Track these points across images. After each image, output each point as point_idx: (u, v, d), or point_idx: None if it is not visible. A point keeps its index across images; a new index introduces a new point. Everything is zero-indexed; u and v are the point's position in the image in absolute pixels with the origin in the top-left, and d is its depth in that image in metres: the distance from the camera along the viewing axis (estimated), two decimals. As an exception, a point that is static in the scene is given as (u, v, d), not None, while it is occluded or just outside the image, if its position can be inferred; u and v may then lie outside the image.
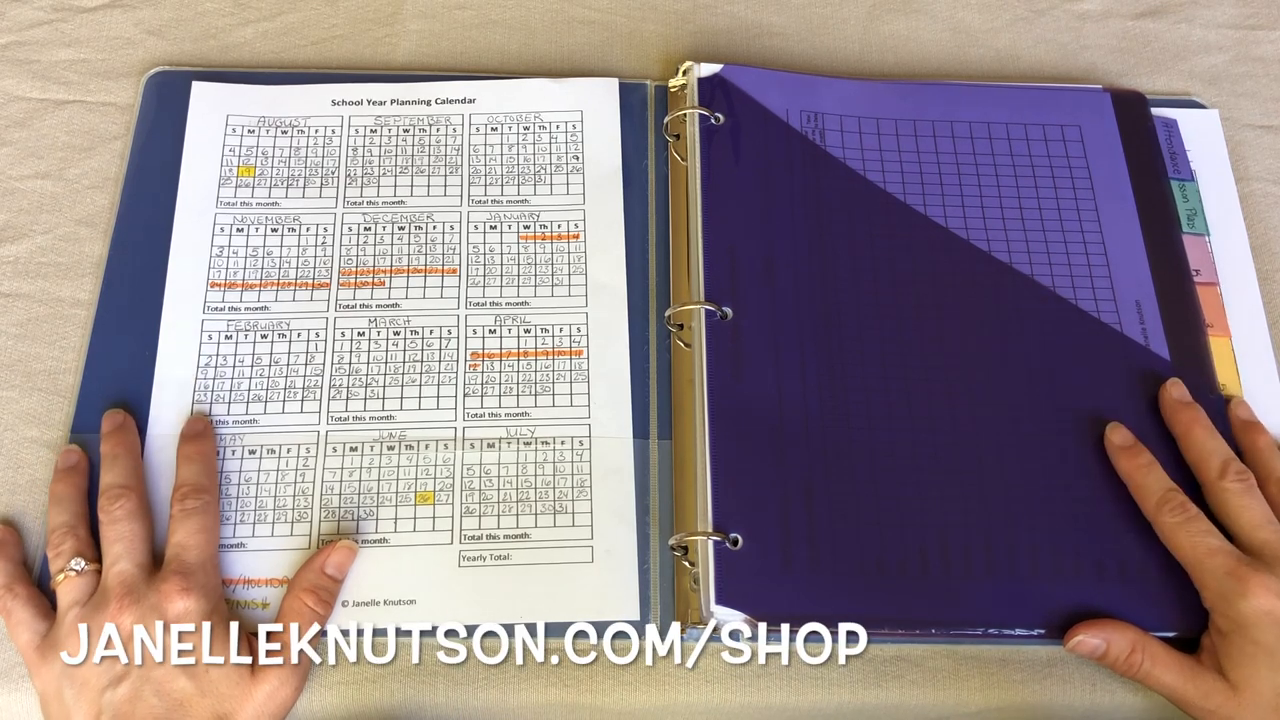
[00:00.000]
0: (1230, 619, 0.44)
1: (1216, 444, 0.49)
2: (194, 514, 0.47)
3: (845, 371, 0.51)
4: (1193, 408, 0.50)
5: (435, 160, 0.57)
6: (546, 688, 0.47)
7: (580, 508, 0.50)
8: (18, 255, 0.55)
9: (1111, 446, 0.50)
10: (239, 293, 0.54)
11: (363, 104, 0.59)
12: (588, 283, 0.54)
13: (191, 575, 0.45)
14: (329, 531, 0.49)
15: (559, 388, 0.52)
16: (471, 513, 0.49)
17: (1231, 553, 0.45)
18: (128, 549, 0.46)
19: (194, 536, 0.46)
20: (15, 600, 0.46)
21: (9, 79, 0.60)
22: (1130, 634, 0.46)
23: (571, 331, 0.53)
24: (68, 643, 0.44)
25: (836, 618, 0.46)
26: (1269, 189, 0.60)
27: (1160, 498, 0.47)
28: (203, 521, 0.47)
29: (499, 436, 0.51)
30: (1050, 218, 0.56)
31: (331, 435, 0.51)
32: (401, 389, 0.52)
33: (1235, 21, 0.65)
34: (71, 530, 0.47)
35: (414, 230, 0.55)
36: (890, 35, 0.64)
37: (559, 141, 0.58)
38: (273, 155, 0.57)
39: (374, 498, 0.50)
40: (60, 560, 0.46)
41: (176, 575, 0.45)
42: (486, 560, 0.49)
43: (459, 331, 0.53)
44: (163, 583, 0.45)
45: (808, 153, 0.57)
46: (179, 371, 0.52)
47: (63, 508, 0.48)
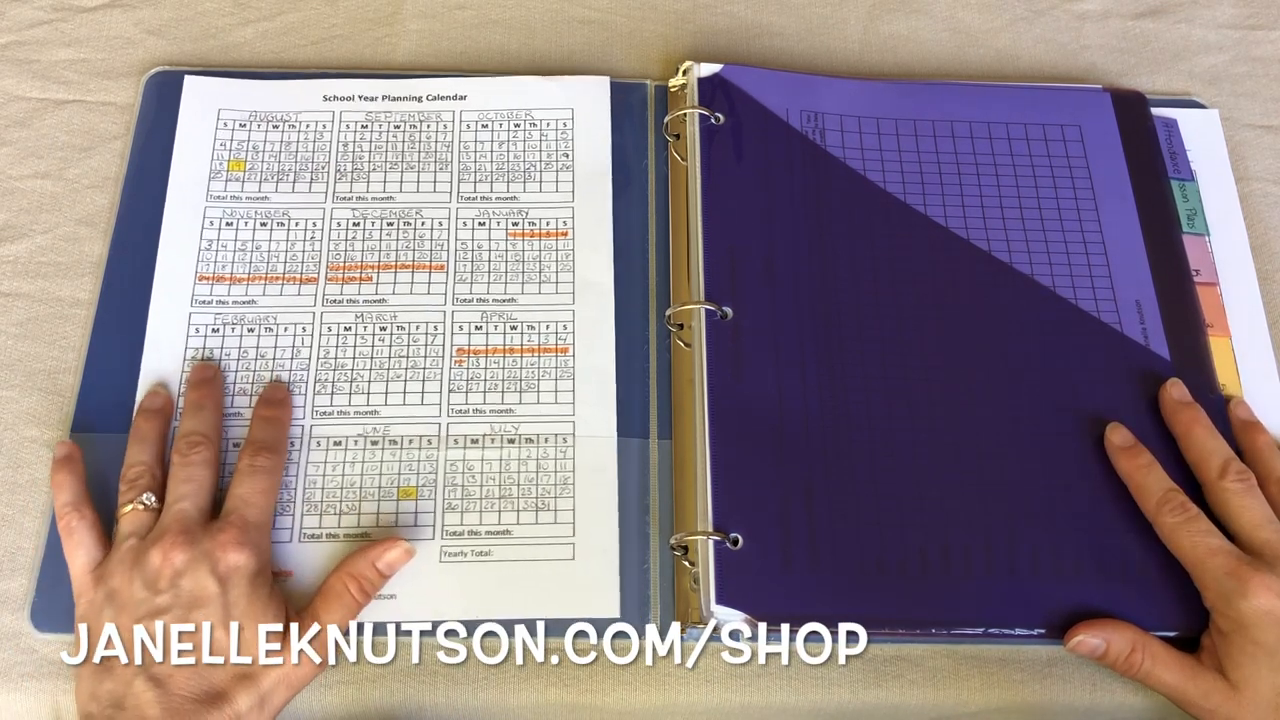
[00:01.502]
0: (1231, 619, 0.44)
1: (1217, 444, 0.49)
2: (262, 473, 0.47)
3: (845, 371, 0.51)
4: (1193, 407, 0.50)
5: (425, 156, 0.57)
6: (546, 688, 0.47)
7: (563, 505, 0.50)
8: (18, 255, 0.55)
9: (1111, 447, 0.50)
10: (227, 286, 0.54)
11: (354, 99, 0.59)
12: (575, 280, 0.54)
13: (249, 530, 0.45)
14: (312, 526, 0.49)
15: (544, 385, 0.52)
16: (454, 509, 0.49)
17: (1232, 552, 0.45)
18: (195, 491, 0.46)
19: (259, 495, 0.47)
20: (81, 521, 0.47)
21: (9, 79, 0.60)
22: (1130, 634, 0.46)
23: (558, 329, 0.53)
24: (118, 571, 0.45)
25: (837, 617, 0.46)
26: (1269, 189, 0.60)
27: (1161, 498, 0.47)
28: (270, 482, 0.47)
29: (483, 433, 0.51)
30: (1050, 217, 0.56)
31: (316, 429, 0.51)
32: (386, 384, 0.52)
33: (1235, 21, 0.65)
34: (149, 468, 0.48)
35: (403, 226, 0.56)
36: (890, 35, 0.64)
37: (549, 139, 0.58)
38: (263, 150, 0.57)
39: (356, 492, 0.50)
40: (132, 493, 0.47)
41: (235, 528, 0.45)
42: (468, 556, 0.49)
43: (445, 327, 0.53)
44: (220, 532, 0.45)
45: (808, 153, 0.57)
46: (166, 364, 0.52)
47: (145, 446, 0.49)
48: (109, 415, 0.51)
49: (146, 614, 0.43)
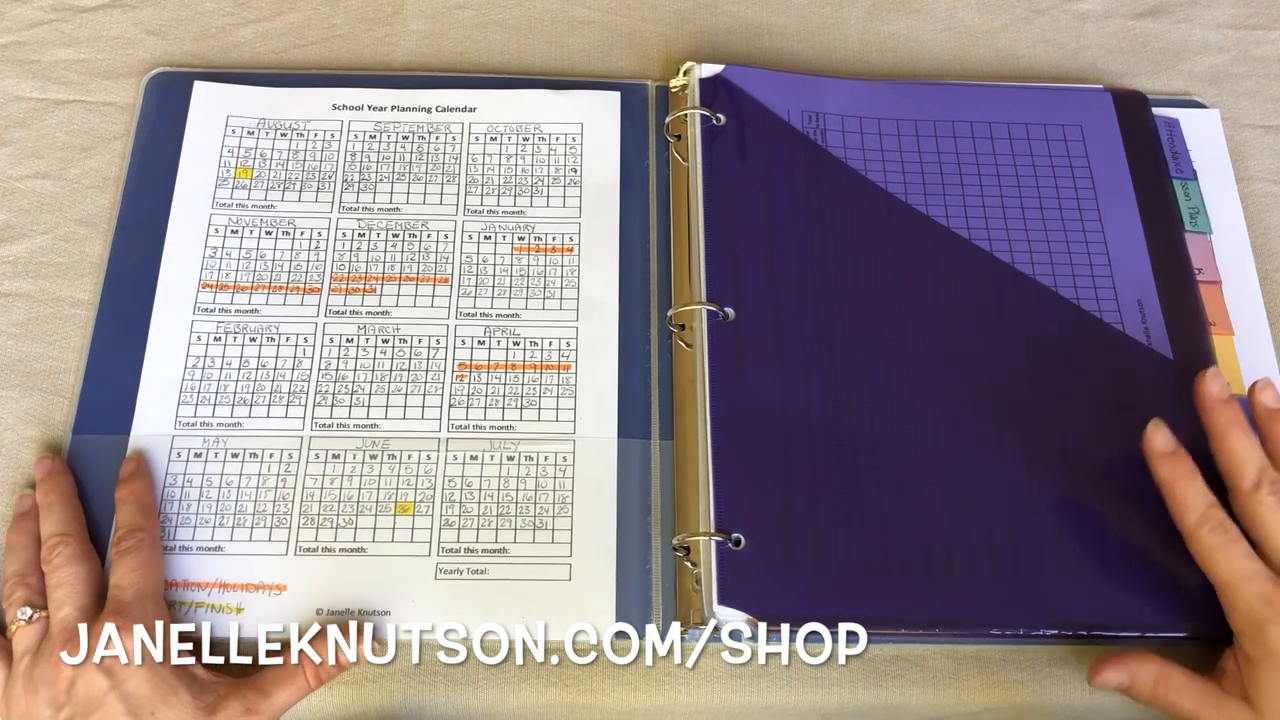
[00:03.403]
0: (1261, 645, 0.43)
1: (1254, 451, 0.45)
2: (128, 553, 0.46)
3: (847, 371, 0.51)
4: (1232, 406, 0.46)
5: (433, 168, 0.57)
6: (546, 688, 0.47)
7: (560, 524, 0.49)
8: (18, 255, 0.55)
9: (1152, 451, 0.46)
10: (230, 294, 0.54)
11: (363, 109, 0.59)
12: (579, 298, 0.54)
13: (127, 614, 0.44)
14: (308, 539, 0.49)
15: (545, 402, 0.52)
16: (451, 525, 0.49)
17: (1269, 578, 0.43)
18: (69, 595, 0.45)
19: (129, 575, 0.46)
20: None
21: (9, 79, 0.60)
22: (1153, 665, 0.45)
23: (560, 346, 0.53)
24: (23, 695, 0.44)
25: (840, 618, 0.46)
26: (1269, 189, 0.60)
27: (1202, 515, 0.44)
28: (137, 559, 0.46)
29: (482, 449, 0.51)
30: (1052, 217, 0.56)
31: (315, 442, 0.51)
32: (387, 397, 0.52)
33: (1235, 21, 0.65)
34: (22, 579, 0.46)
35: (408, 238, 0.55)
36: (890, 35, 0.64)
37: (557, 153, 0.58)
38: (271, 158, 0.57)
39: (354, 506, 0.49)
40: (11, 610, 0.46)
41: (113, 615, 0.44)
42: (464, 573, 0.48)
43: (448, 341, 0.53)
44: (99, 625, 0.44)
45: (809, 153, 0.57)
46: (166, 371, 0.52)
47: (15, 556, 0.47)
48: (110, 416, 0.51)
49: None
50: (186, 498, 0.49)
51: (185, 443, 0.50)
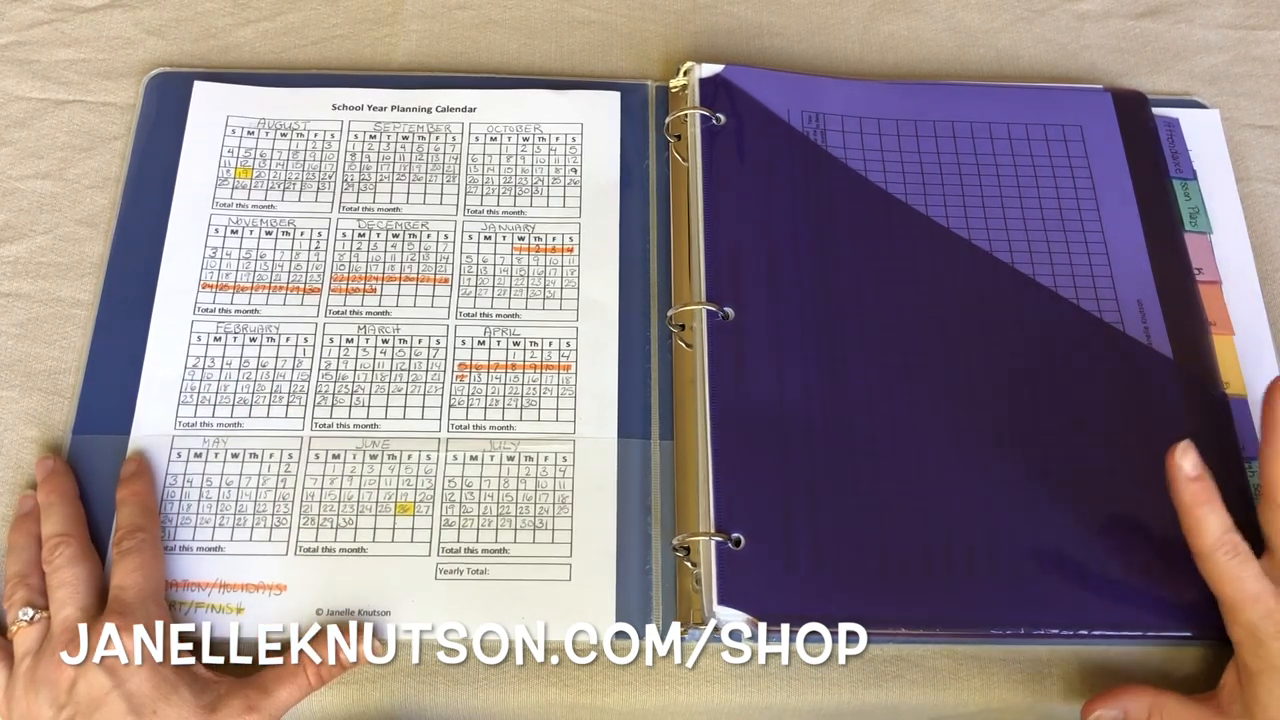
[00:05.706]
0: (1261, 658, 0.42)
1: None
2: (129, 554, 0.46)
3: (847, 371, 0.51)
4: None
5: (433, 168, 0.57)
6: (546, 688, 0.47)
7: (560, 524, 0.49)
8: (18, 255, 0.55)
9: (1179, 473, 0.44)
10: (230, 295, 0.54)
11: (363, 109, 0.59)
12: (579, 298, 0.54)
13: (129, 614, 0.44)
14: (308, 539, 0.49)
15: (545, 402, 0.52)
16: (451, 525, 0.49)
17: (1274, 594, 0.43)
18: (71, 595, 0.45)
19: (130, 575, 0.46)
20: None
21: (9, 79, 0.60)
22: (1146, 696, 0.45)
23: (560, 346, 0.53)
24: (25, 696, 0.44)
25: (840, 618, 0.46)
26: (1269, 189, 0.60)
27: (1218, 539, 0.43)
28: (138, 560, 0.46)
29: (482, 449, 0.51)
30: (1051, 217, 0.56)
31: (315, 442, 0.51)
32: (387, 397, 0.52)
33: (1235, 21, 0.65)
34: (23, 580, 0.46)
35: (408, 238, 0.55)
36: (890, 35, 0.64)
37: (557, 153, 0.58)
38: (271, 158, 0.57)
39: (354, 506, 0.49)
40: (12, 611, 0.46)
41: (114, 615, 0.44)
42: (464, 574, 0.48)
43: (448, 341, 0.53)
44: (100, 625, 0.44)
45: (809, 153, 0.57)
46: (166, 372, 0.52)
47: (16, 556, 0.47)
48: (110, 416, 0.51)
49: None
50: (187, 498, 0.49)
51: (185, 443, 0.50)
